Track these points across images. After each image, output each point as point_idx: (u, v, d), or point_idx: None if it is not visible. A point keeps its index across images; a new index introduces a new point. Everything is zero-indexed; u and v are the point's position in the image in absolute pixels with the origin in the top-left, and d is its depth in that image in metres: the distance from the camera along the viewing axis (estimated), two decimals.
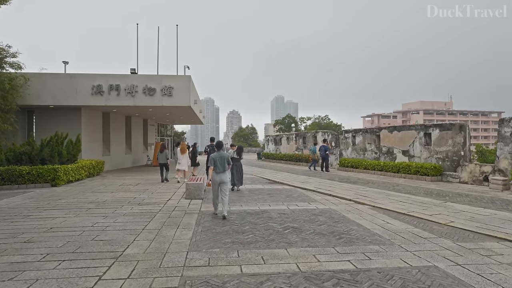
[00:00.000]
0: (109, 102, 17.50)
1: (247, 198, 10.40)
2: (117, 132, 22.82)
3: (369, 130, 18.42)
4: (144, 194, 11.15)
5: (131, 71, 18.39)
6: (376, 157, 17.78)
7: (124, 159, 23.81)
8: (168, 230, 6.45)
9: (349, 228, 6.60)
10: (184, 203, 9.49)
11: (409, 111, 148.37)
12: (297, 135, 27.32)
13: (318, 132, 23.96)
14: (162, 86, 17.66)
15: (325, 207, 8.94)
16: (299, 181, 14.63)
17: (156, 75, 18.25)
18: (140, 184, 13.75)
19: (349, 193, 11.02)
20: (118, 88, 17.44)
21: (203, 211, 8.32)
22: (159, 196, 10.72)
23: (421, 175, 14.18)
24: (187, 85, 17.85)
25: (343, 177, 15.85)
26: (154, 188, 12.49)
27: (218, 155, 7.78)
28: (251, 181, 15.17)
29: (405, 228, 6.60)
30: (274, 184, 13.96)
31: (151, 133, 29.12)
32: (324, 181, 14.52)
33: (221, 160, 7.73)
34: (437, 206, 8.73)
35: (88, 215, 7.85)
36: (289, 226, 6.74)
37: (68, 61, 18.58)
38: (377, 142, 17.85)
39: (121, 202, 9.60)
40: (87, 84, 17.32)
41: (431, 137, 14.63)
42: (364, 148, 18.69)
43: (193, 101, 19.34)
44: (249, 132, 77.19)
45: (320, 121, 66.23)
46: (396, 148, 16.43)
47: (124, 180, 15.29)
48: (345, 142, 20.46)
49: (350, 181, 14.39)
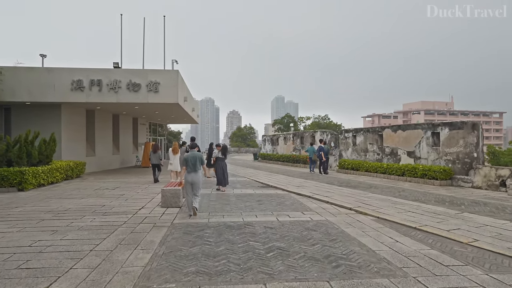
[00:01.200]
0: (90, 98, 16.19)
1: (232, 205, 9.08)
2: (104, 131, 21.50)
3: (371, 130, 17.10)
4: (117, 200, 9.83)
5: (114, 65, 17.08)
6: (378, 158, 16.45)
7: (112, 160, 22.49)
8: (122, 253, 5.13)
9: (349, 250, 5.28)
10: (157, 212, 8.17)
11: (410, 111, 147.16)
12: (295, 135, 25.99)
13: (317, 131, 22.64)
14: (147, 82, 16.36)
15: (321, 218, 7.61)
16: (294, 185, 13.31)
17: (141, 69, 16.95)
18: (118, 188, 12.43)
19: (350, 200, 9.69)
20: (100, 84, 16.14)
21: (176, 224, 7.00)
22: (133, 203, 9.40)
23: (429, 178, 12.85)
24: (174, 80, 16.54)
25: (343, 181, 14.52)
26: (131, 193, 11.17)
27: (191, 155, 7.78)
28: (242, 184, 13.85)
29: (419, 250, 5.28)
30: (267, 189, 12.64)
31: (141, 133, 27.80)
32: (322, 185, 13.19)
33: (193, 160, 7.71)
34: (453, 217, 7.40)
35: (35, 229, 6.53)
36: (275, 247, 5.42)
37: (46, 55, 17.29)
38: (380, 142, 16.52)
39: (85, 211, 8.28)
40: (66, 79, 16.01)
41: (440, 137, 13.30)
42: (366, 148, 17.37)
43: (182, 98, 18.03)
44: (248, 132, 75.83)
45: (320, 121, 64.80)
46: (401, 148, 15.10)
47: (104, 183, 13.98)
48: (345, 142, 19.13)
49: (350, 185, 13.06)
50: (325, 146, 19.48)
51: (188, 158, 7.74)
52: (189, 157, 7.74)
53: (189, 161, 7.71)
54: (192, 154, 7.80)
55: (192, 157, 7.75)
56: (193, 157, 7.74)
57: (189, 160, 7.71)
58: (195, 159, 7.73)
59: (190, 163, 7.70)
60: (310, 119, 64.98)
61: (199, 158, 7.78)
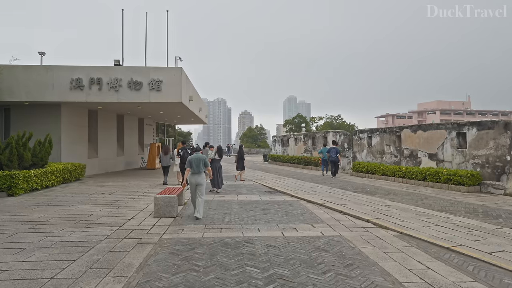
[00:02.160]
0: (90, 97, 15.44)
1: (233, 215, 8.08)
2: (107, 132, 20.81)
3: (388, 130, 15.85)
4: (108, 208, 8.95)
5: (115, 63, 16.32)
6: (396, 161, 15.21)
7: (116, 162, 21.79)
8: (87, 282, 4.17)
9: (369, 282, 4.20)
10: (147, 224, 7.23)
11: (425, 111, 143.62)
12: (306, 136, 24.84)
13: (329, 132, 21.45)
14: (149, 80, 15.51)
15: (333, 233, 6.54)
16: (305, 190, 12.23)
17: (142, 67, 16.12)
18: (115, 193, 11.59)
19: (366, 209, 8.57)
20: (100, 82, 15.37)
21: (165, 240, 6.03)
22: (124, 211, 8.50)
23: (454, 184, 11.59)
24: (178, 78, 15.66)
25: (358, 185, 13.36)
26: (127, 200, 10.29)
27: (195, 157, 7.83)
28: (248, 189, 12.84)
29: (459, 283, 4.17)
30: (274, 195, 11.59)
31: (148, 134, 27.09)
32: (335, 190, 12.07)
33: (196, 162, 7.77)
34: (492, 235, 6.22)
35: (0, 246, 5.65)
36: (276, 275, 4.39)
37: (44, 52, 16.62)
38: (398, 143, 15.27)
39: (67, 221, 7.40)
40: (65, 78, 15.29)
41: (466, 138, 12.02)
42: (382, 150, 16.14)
43: (186, 97, 17.14)
44: (258, 132, 74.76)
45: (332, 121, 63.18)
46: (421, 150, 13.84)
47: (102, 187, 13.17)
48: (359, 143, 17.92)
49: (366, 191, 11.91)
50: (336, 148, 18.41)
51: (191, 160, 7.80)
52: (193, 159, 7.80)
53: (193, 163, 7.76)
54: (195, 156, 7.86)
55: (196, 159, 7.80)
56: (196, 159, 7.79)
57: (193, 162, 7.76)
58: (198, 161, 7.78)
59: (193, 165, 7.75)
60: (322, 119, 63.52)
61: (202, 160, 7.84)
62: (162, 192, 8.58)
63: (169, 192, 8.45)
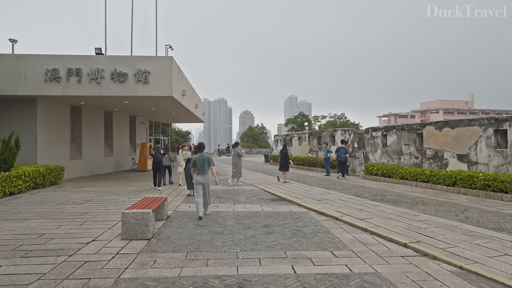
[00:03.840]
0: (68, 91, 13.56)
1: (226, 237, 6.19)
2: (93, 131, 18.93)
3: (407, 127, 13.93)
4: (69, 224, 7.08)
5: (96, 52, 14.42)
6: (416, 163, 13.31)
7: (104, 163, 19.91)
8: None
9: None
10: (109, 251, 5.34)
11: (428, 111, 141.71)
12: (311, 135, 22.93)
13: (337, 130, 19.54)
14: (135, 71, 13.65)
15: (365, 267, 4.65)
16: (314, 197, 10.33)
17: (127, 56, 14.23)
18: (88, 202, 9.72)
19: (398, 227, 6.67)
20: (79, 73, 13.50)
21: (125, 283, 4.14)
22: (87, 230, 6.61)
23: (494, 191, 9.68)
24: (167, 69, 13.78)
25: (375, 192, 11.46)
26: (98, 211, 8.42)
27: (199, 157, 7.76)
28: (247, 196, 10.95)
29: None
30: (278, 203, 9.70)
31: (140, 133, 25.19)
32: (350, 198, 10.17)
33: (201, 162, 7.71)
34: None
35: None
36: None
37: (16, 40, 14.74)
38: (419, 142, 13.37)
39: (4, 246, 5.52)
40: (40, 68, 13.43)
41: (507, 136, 10.12)
42: (400, 150, 14.24)
43: (178, 91, 15.26)
44: (259, 131, 72.75)
45: (336, 120, 61.12)
46: (448, 151, 11.94)
47: (78, 194, 11.31)
48: (372, 142, 16.02)
49: (388, 199, 10.01)
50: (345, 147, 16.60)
51: (196, 160, 7.75)
52: (197, 159, 7.74)
53: (198, 163, 7.71)
54: (200, 156, 7.78)
55: (201, 159, 7.74)
56: (201, 159, 7.74)
57: (198, 162, 7.71)
58: (203, 161, 7.73)
59: (198, 165, 7.70)
60: (325, 118, 61.47)
61: (207, 159, 7.79)
62: (137, 204, 6.69)
63: (145, 204, 6.57)
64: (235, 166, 14.01)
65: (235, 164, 13.99)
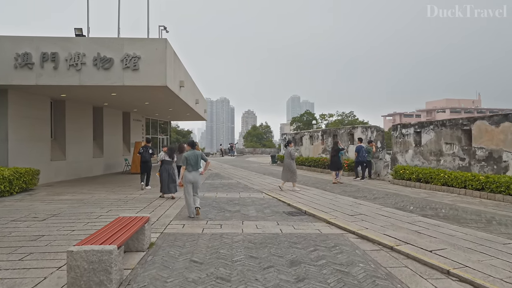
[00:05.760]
0: (42, 79, 11.38)
1: (235, 285, 3.92)
2: (80, 128, 16.72)
3: (449, 123, 11.61)
4: (3, 260, 4.83)
5: (76, 33, 12.21)
6: (463, 165, 11.00)
7: (92, 165, 17.69)
8: None
9: None
10: None
11: (434, 110, 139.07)
12: (325, 133, 20.61)
13: (357, 127, 17.25)
14: (123, 55, 11.45)
15: None
16: (344, 210, 8.04)
17: (113, 38, 11.98)
18: (54, 217, 7.51)
19: (497, 267, 4.38)
20: (55, 58, 11.32)
21: None
22: (20, 273, 4.37)
23: None
24: (161, 53, 11.57)
25: (419, 202, 9.16)
26: (61, 232, 6.18)
27: (191, 154, 7.54)
28: (259, 209, 8.66)
29: None
30: (299, 219, 7.43)
31: (136, 131, 22.98)
32: (392, 212, 7.87)
33: (194, 158, 7.51)
34: None
35: None
36: None
37: None
38: (466, 141, 11.05)
39: None
40: (8, 52, 11.28)
41: None
42: (439, 151, 11.93)
43: (175, 81, 13.04)
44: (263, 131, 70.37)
45: (344, 118, 58.61)
46: (509, 151, 9.61)
47: (47, 204, 9.10)
48: (401, 141, 13.70)
49: (442, 214, 7.71)
50: (368, 147, 14.44)
51: (189, 156, 7.48)
52: (190, 156, 7.49)
53: (191, 159, 7.47)
54: (192, 153, 7.54)
55: (193, 155, 7.53)
56: (194, 156, 7.53)
57: (190, 159, 7.47)
58: (196, 157, 7.55)
59: (191, 161, 7.47)
60: (333, 117, 58.89)
61: (199, 155, 7.63)
62: (99, 232, 4.42)
63: (112, 233, 4.32)
64: (289, 169, 11.65)
65: (289, 166, 11.67)
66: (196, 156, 7.53)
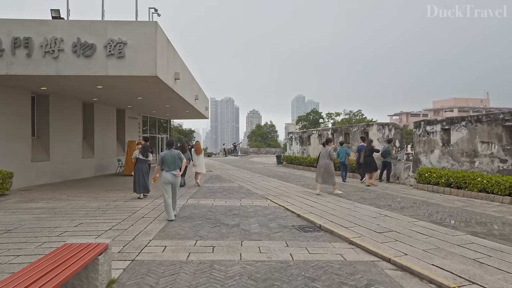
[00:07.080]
0: (14, 68, 9.90)
1: None
2: (67, 126, 15.24)
3: (486, 118, 9.94)
4: None
5: (53, 15, 10.72)
6: (504, 168, 9.33)
7: (81, 166, 16.21)
8: None
9: None
10: None
11: (441, 109, 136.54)
12: (335, 131, 18.96)
13: (372, 125, 15.59)
14: (106, 41, 9.93)
15: None
16: (368, 225, 6.43)
17: (96, 20, 10.45)
18: (6, 234, 5.97)
19: None
20: (28, 44, 9.83)
21: None
22: None
23: None
24: (151, 38, 10.02)
25: (458, 214, 7.52)
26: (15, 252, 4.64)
27: (169, 153, 7.23)
28: (262, 222, 7.07)
29: None
30: (314, 238, 5.83)
31: (131, 129, 21.49)
32: (430, 228, 6.23)
33: (171, 159, 7.18)
34: None
35: None
36: None
37: None
38: (507, 139, 9.38)
39: None
40: None
41: None
42: (473, 151, 10.26)
43: (168, 72, 11.50)
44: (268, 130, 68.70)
45: (351, 117, 56.71)
46: None
47: (10, 215, 7.61)
48: (426, 140, 12.04)
49: (496, 230, 6.08)
50: (388, 147, 12.87)
51: (166, 156, 7.15)
52: (167, 156, 7.16)
53: (168, 159, 7.13)
54: (169, 153, 7.21)
55: (170, 155, 7.17)
56: (171, 156, 7.17)
57: (168, 159, 7.13)
58: (173, 158, 7.18)
59: (168, 162, 7.12)
60: (340, 115, 56.95)
61: (177, 155, 7.25)
62: (16, 278, 2.87)
63: (41, 275, 2.77)
64: (328, 171, 10.33)
65: (327, 167, 10.32)
66: (173, 156, 7.19)
